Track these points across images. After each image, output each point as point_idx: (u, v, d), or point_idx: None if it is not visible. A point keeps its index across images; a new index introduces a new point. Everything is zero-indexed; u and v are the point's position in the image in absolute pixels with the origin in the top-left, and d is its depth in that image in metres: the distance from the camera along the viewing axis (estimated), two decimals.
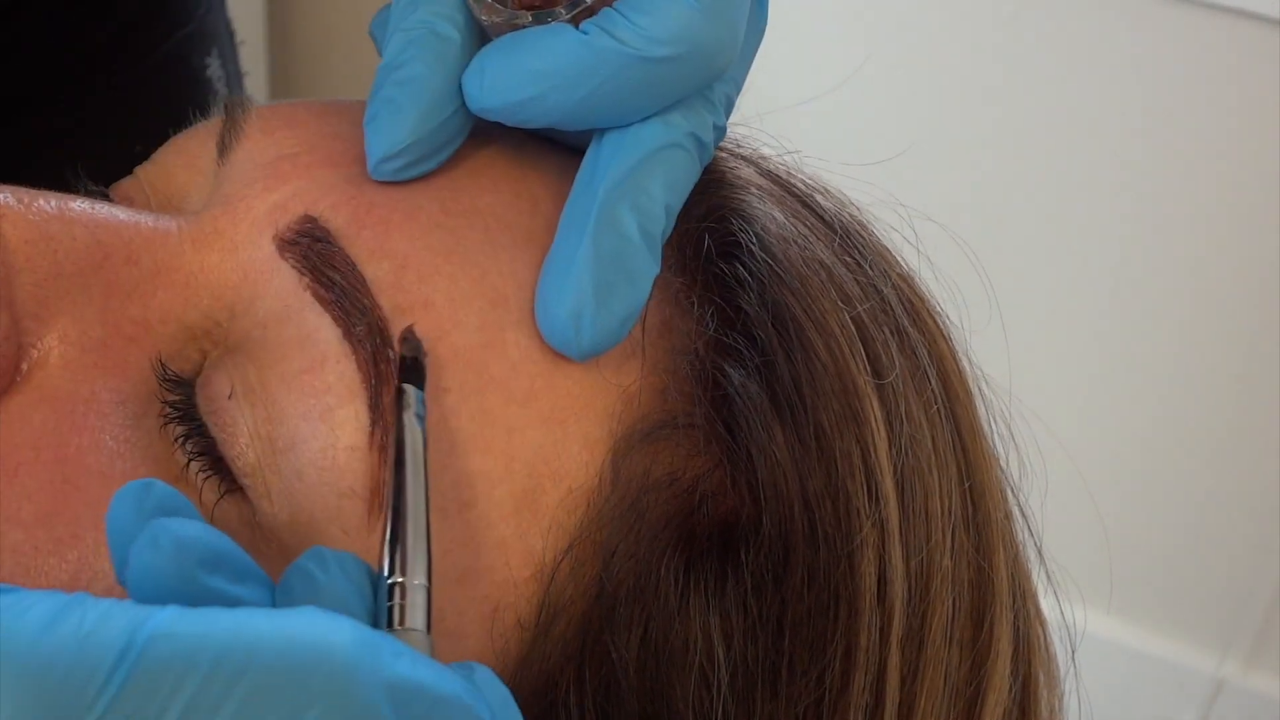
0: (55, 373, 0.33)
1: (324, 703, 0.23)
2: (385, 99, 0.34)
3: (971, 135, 1.34)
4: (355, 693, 0.23)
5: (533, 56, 0.34)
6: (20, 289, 0.33)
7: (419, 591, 0.28)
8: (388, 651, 0.24)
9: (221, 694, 0.22)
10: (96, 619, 0.23)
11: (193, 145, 0.39)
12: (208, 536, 0.26)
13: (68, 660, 0.22)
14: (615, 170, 0.34)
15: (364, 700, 0.23)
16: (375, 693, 0.23)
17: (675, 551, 0.33)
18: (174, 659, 0.22)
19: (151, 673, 0.22)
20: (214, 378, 0.33)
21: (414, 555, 0.29)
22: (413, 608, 0.28)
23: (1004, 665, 0.38)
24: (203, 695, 0.22)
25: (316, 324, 0.33)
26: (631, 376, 0.35)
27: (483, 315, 0.34)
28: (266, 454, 0.32)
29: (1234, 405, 1.36)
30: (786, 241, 0.37)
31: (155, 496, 0.27)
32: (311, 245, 0.34)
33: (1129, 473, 1.42)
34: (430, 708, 0.24)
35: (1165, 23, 1.23)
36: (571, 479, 0.33)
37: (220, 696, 0.22)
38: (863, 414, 0.35)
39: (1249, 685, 1.44)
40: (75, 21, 0.61)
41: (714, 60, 0.34)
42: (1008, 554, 0.39)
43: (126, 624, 0.23)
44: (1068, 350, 1.39)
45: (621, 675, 0.33)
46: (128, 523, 0.26)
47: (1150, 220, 1.31)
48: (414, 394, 0.31)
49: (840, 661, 0.34)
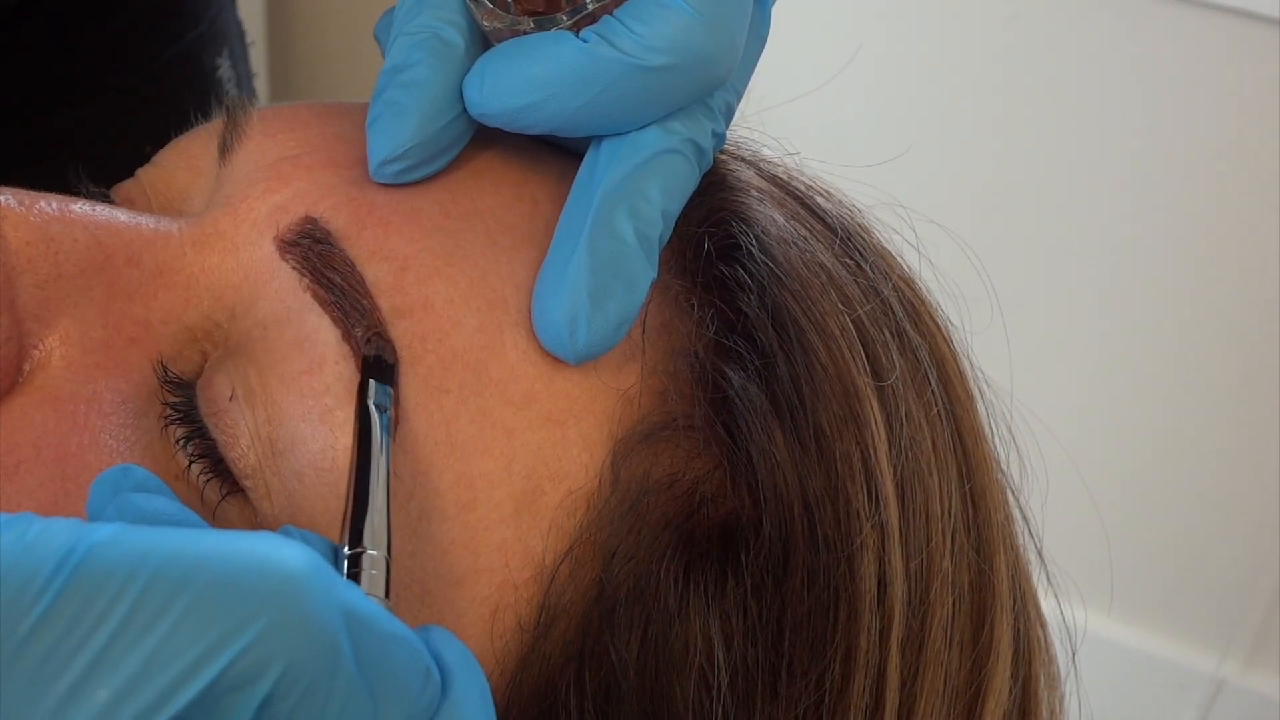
0: (57, 373, 0.33)
1: (272, 616, 0.22)
2: (388, 101, 0.35)
3: (972, 136, 1.34)
4: (308, 608, 0.23)
5: (533, 63, 0.34)
6: (22, 290, 0.33)
7: (378, 562, 0.29)
8: (344, 584, 0.24)
9: (164, 602, 0.22)
10: (40, 530, 0.22)
11: (194, 147, 0.39)
12: (171, 509, 0.26)
13: (6, 566, 0.22)
14: (613, 175, 0.34)
15: (317, 616, 0.23)
16: (330, 612, 0.23)
17: (675, 553, 0.33)
18: (116, 567, 0.22)
19: (91, 579, 0.22)
20: (215, 380, 0.33)
21: (375, 530, 0.29)
22: (371, 577, 0.28)
23: (1004, 667, 0.38)
24: (144, 603, 0.22)
25: (316, 325, 0.33)
26: (631, 378, 0.35)
27: (482, 317, 0.34)
28: (267, 455, 0.33)
29: (1234, 405, 1.36)
30: (787, 244, 0.37)
31: (132, 479, 0.27)
32: (312, 246, 0.34)
33: (1129, 473, 1.42)
34: (381, 644, 0.24)
35: (1165, 23, 1.23)
36: (571, 481, 0.34)
37: (163, 605, 0.22)
38: (863, 416, 0.35)
39: (1249, 685, 1.44)
40: (85, 21, 0.61)
41: (713, 69, 0.35)
42: (1008, 555, 0.39)
43: (70, 535, 0.22)
44: (1068, 351, 1.39)
45: (621, 677, 0.33)
46: (103, 504, 0.27)
47: (1151, 221, 1.31)
48: (374, 387, 0.32)
49: (840, 663, 0.34)
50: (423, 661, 0.25)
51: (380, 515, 0.30)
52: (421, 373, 0.33)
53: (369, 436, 0.31)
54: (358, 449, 0.31)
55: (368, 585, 0.28)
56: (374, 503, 0.30)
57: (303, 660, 0.23)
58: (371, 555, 0.29)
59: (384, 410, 0.32)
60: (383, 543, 0.29)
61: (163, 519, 0.26)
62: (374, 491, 0.30)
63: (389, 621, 0.24)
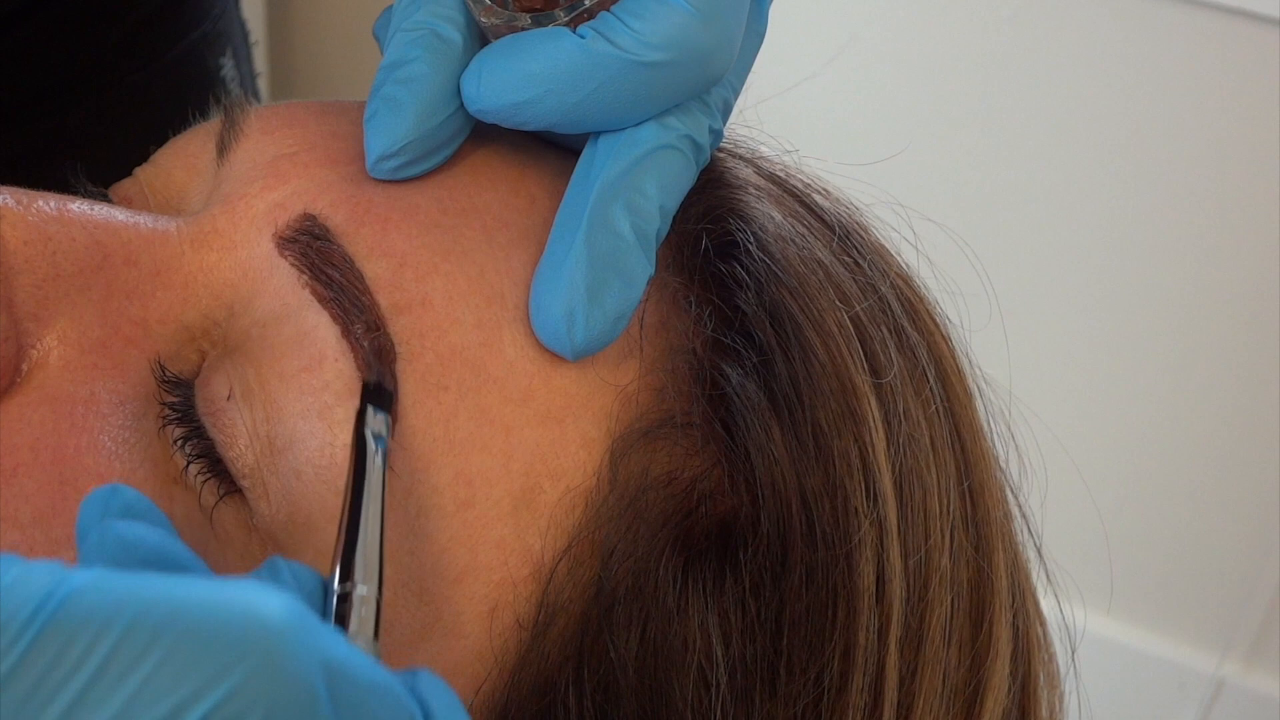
0: (54, 374, 0.33)
1: (250, 667, 0.22)
2: (386, 97, 0.35)
3: (970, 134, 1.34)
4: (286, 662, 0.22)
5: (530, 59, 0.34)
6: (19, 290, 0.33)
7: (368, 601, 0.28)
8: (325, 633, 0.23)
9: (141, 651, 0.22)
10: (18, 574, 0.22)
11: (192, 146, 0.39)
12: (154, 538, 0.26)
13: None
14: (610, 170, 0.34)
15: (295, 670, 0.22)
16: (309, 666, 0.22)
17: (673, 551, 0.33)
18: (92, 614, 0.22)
19: (67, 627, 0.22)
20: (213, 379, 0.33)
21: (366, 567, 0.28)
22: (360, 616, 0.28)
23: (1003, 665, 0.38)
24: (121, 651, 0.22)
25: (315, 322, 0.33)
26: (629, 375, 0.35)
27: (480, 313, 0.34)
28: (265, 454, 0.32)
29: (1234, 405, 1.36)
30: (784, 241, 0.37)
31: (120, 500, 0.27)
32: (310, 243, 0.34)
33: (1129, 471, 1.42)
34: (362, 694, 0.23)
35: (1165, 23, 1.23)
36: (569, 478, 0.34)
37: (139, 653, 0.22)
38: (860, 413, 0.35)
39: (1249, 685, 1.44)
40: (90, 21, 0.61)
41: (710, 65, 0.35)
42: (1007, 553, 0.39)
43: (48, 580, 0.22)
44: (1067, 349, 1.39)
45: (620, 674, 0.33)
46: (91, 525, 0.26)
47: (1150, 220, 1.31)
48: (373, 414, 0.31)
49: (838, 661, 0.34)
50: (406, 711, 0.24)
51: (373, 549, 0.29)
52: (420, 369, 0.33)
53: (364, 466, 0.30)
54: (353, 479, 0.30)
55: (355, 625, 0.28)
56: (367, 536, 0.29)
57: (280, 712, 0.22)
58: (361, 593, 0.28)
59: (381, 438, 0.31)
60: (374, 578, 0.29)
61: (145, 549, 0.25)
62: (367, 524, 0.29)
63: (371, 670, 0.24)
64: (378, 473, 0.30)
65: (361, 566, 0.29)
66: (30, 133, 0.60)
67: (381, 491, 0.30)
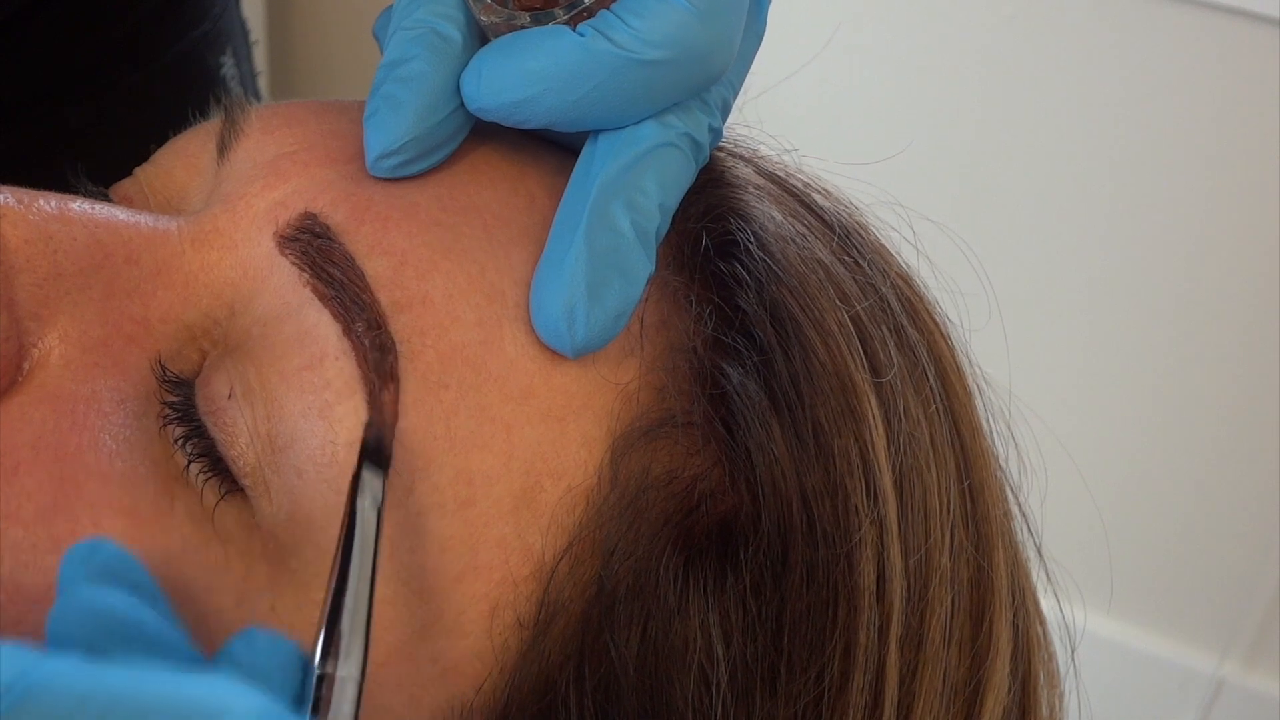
0: (56, 372, 0.33)
1: None
2: (385, 95, 0.35)
3: (970, 134, 1.34)
4: None
5: (529, 58, 0.34)
6: (20, 289, 0.33)
7: (348, 684, 0.27)
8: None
9: None
10: None
11: (192, 145, 0.39)
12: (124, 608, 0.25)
13: None
14: (609, 168, 0.34)
15: None
16: None
17: (674, 550, 0.33)
18: (55, 707, 0.21)
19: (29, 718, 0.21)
20: (214, 378, 0.33)
21: (348, 645, 0.28)
22: (339, 700, 0.27)
23: (1003, 664, 0.38)
24: None
25: (316, 320, 0.33)
26: (630, 374, 0.35)
27: (480, 311, 0.34)
28: (266, 453, 0.32)
29: (1233, 405, 1.36)
30: (784, 240, 0.37)
31: (100, 558, 0.27)
32: (311, 242, 0.34)
33: (1128, 471, 1.42)
34: None
35: (1165, 23, 1.23)
36: (570, 477, 0.34)
37: None
38: (861, 412, 0.35)
39: (1249, 685, 1.44)
40: (90, 20, 0.61)
41: (709, 64, 0.35)
42: (1007, 552, 0.39)
43: (17, 668, 0.22)
44: (1067, 348, 1.39)
45: (621, 673, 0.33)
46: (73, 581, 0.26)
47: (1150, 219, 1.31)
48: (370, 480, 0.30)
49: (839, 660, 0.34)
50: None
51: (359, 627, 0.28)
52: (420, 368, 0.33)
53: (353, 539, 0.29)
54: (342, 548, 0.29)
55: (332, 715, 0.27)
56: (353, 613, 0.28)
57: None
58: (342, 675, 0.27)
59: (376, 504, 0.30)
60: (357, 657, 0.28)
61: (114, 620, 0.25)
62: (356, 599, 0.29)
63: None
64: (369, 542, 0.30)
65: (345, 645, 0.28)
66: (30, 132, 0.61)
67: (373, 560, 0.29)
